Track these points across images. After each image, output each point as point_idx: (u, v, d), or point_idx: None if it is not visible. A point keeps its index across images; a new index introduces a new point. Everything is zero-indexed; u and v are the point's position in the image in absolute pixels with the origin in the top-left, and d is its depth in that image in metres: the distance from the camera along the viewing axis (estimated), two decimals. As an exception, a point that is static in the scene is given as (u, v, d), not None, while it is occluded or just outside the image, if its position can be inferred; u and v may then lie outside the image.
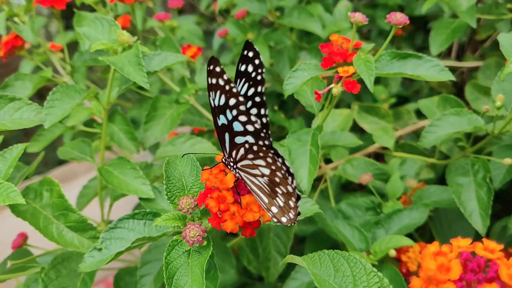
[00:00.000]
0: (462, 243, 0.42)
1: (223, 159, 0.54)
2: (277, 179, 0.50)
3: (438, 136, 0.78)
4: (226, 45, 1.54)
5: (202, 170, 0.54)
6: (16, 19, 0.89)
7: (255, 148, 0.50)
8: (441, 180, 0.95)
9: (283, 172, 0.49)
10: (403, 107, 1.16)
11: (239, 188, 0.53)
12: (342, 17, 1.22)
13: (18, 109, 0.65)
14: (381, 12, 1.33)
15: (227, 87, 0.48)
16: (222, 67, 0.48)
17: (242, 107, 0.49)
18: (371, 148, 1.03)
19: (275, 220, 0.52)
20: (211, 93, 0.50)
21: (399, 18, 0.64)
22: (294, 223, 0.52)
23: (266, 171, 0.50)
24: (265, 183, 0.51)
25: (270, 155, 0.49)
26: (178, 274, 0.50)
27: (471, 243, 0.42)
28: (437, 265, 0.39)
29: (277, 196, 0.51)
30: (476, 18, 0.94)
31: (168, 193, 0.56)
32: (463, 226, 0.91)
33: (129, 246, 0.54)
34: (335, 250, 0.48)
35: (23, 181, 0.78)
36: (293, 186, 0.50)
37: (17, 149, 0.64)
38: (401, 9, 1.37)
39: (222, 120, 0.51)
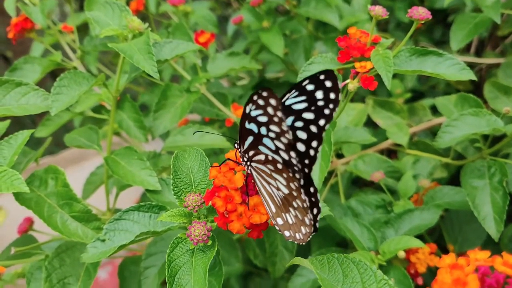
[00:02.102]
0: (480, 256, 0.40)
1: (235, 145, 0.51)
2: (292, 202, 0.48)
3: (454, 137, 0.75)
4: (241, 32, 1.51)
5: (211, 166, 0.53)
6: (26, 0, 0.88)
7: (279, 166, 0.47)
8: (453, 179, 0.93)
9: (301, 199, 0.47)
10: (418, 102, 1.13)
11: (248, 187, 0.51)
12: (361, 8, 1.19)
13: (24, 94, 0.63)
14: (400, 3, 1.29)
15: (275, 119, 0.44)
16: (278, 101, 0.43)
17: (284, 140, 0.45)
18: (384, 144, 1.00)
19: (277, 228, 0.50)
20: (251, 105, 0.45)
21: (421, 13, 0.61)
22: (299, 243, 0.50)
23: (284, 189, 0.48)
24: (278, 195, 0.49)
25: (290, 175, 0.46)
26: (181, 272, 0.49)
27: (490, 256, 0.40)
28: (453, 279, 0.37)
29: (289, 212, 0.49)
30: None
31: (175, 188, 0.54)
32: (474, 228, 0.89)
33: (133, 239, 0.53)
34: (344, 255, 0.46)
35: (31, 164, 0.77)
36: (309, 217, 0.48)
37: (22, 136, 0.63)
38: (421, 1, 1.33)
39: (251, 126, 0.47)
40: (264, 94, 0.43)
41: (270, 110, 0.43)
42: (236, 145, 0.51)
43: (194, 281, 0.48)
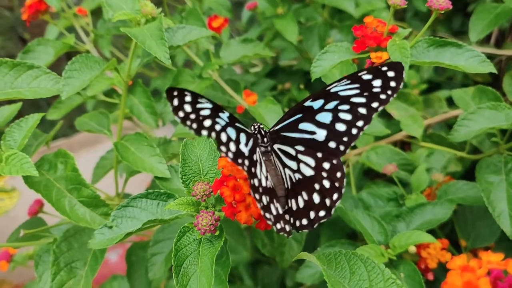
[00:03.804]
0: (492, 258, 0.38)
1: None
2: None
3: (471, 131, 0.73)
4: (256, 18, 1.49)
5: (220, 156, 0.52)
6: (40, -19, 0.87)
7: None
8: (468, 173, 0.91)
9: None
10: (434, 94, 1.11)
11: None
12: (378, -5, 1.17)
13: (36, 77, 0.62)
14: (419, -8, 1.27)
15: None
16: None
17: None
18: (398, 136, 0.99)
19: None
20: None
21: (441, 3, 0.59)
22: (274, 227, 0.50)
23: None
24: None
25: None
26: (187, 262, 0.48)
27: (503, 259, 0.39)
28: (463, 282, 0.36)
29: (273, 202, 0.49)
30: (522, 4, 0.87)
31: (183, 177, 0.54)
32: (488, 225, 0.87)
33: (140, 227, 0.53)
34: (352, 251, 0.46)
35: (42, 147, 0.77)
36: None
37: (33, 119, 0.63)
38: (440, -11, 1.30)
39: None
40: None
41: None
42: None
43: (201, 272, 0.47)
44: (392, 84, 0.50)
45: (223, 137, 0.47)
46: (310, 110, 0.53)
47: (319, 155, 0.52)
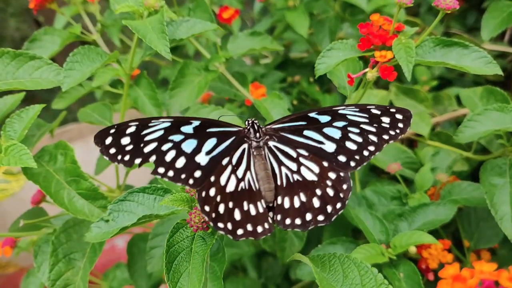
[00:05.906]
0: (485, 268, 0.38)
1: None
2: None
3: (476, 132, 0.72)
4: (269, 8, 1.48)
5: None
6: (47, -31, 0.87)
7: None
8: (475, 173, 0.89)
9: None
10: (444, 91, 1.09)
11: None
12: (390, -10, 1.15)
13: (37, 68, 0.62)
14: (433, -13, 1.24)
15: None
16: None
17: None
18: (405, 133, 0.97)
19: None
20: None
21: (448, 3, 0.58)
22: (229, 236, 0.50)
23: None
24: None
25: None
26: (179, 259, 0.48)
27: (496, 269, 0.38)
28: (453, 292, 0.36)
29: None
30: (537, 2, 0.85)
31: (178, 173, 0.54)
32: (492, 226, 0.86)
33: (136, 221, 0.53)
34: (346, 255, 0.45)
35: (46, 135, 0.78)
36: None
37: (34, 110, 0.63)
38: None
39: None
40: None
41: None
42: None
43: (192, 269, 0.47)
44: (400, 125, 0.52)
45: (169, 156, 0.50)
46: (316, 122, 0.54)
47: (326, 164, 0.53)
